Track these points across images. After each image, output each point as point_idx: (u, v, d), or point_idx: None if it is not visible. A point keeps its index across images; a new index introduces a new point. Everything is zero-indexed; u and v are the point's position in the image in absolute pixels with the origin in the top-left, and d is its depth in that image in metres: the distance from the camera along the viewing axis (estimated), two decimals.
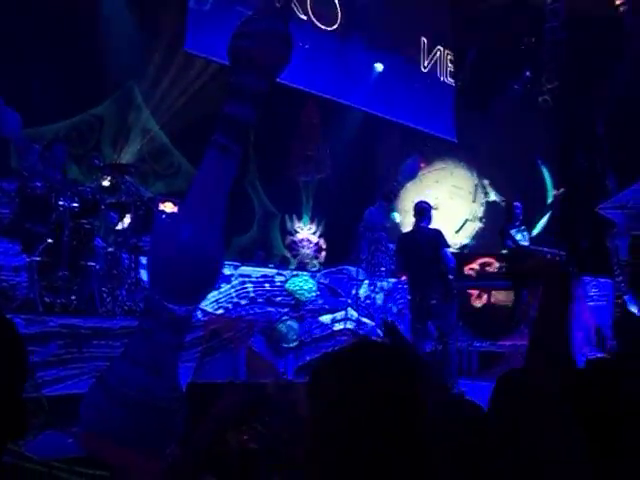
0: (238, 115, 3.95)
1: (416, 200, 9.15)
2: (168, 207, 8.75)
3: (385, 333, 3.49)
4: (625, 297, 11.46)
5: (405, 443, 1.30)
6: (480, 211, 13.91)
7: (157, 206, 8.49)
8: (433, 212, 12.88)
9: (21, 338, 1.38)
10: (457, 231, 13.49)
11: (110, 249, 7.62)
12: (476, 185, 14.29)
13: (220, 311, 8.52)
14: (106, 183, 8.18)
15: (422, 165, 13.58)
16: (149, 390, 3.95)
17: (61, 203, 6.75)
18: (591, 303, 10.92)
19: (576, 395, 1.99)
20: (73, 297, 6.79)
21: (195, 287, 3.89)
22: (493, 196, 13.57)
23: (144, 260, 6.81)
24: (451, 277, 8.00)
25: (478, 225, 13.68)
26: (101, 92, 10.71)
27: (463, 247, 12.43)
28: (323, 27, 11.87)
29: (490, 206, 13.75)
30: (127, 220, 7.77)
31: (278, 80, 9.73)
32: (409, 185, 13.57)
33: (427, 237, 8.06)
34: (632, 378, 2.11)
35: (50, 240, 6.60)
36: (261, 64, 3.95)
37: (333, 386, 1.37)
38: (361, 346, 1.52)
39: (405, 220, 11.05)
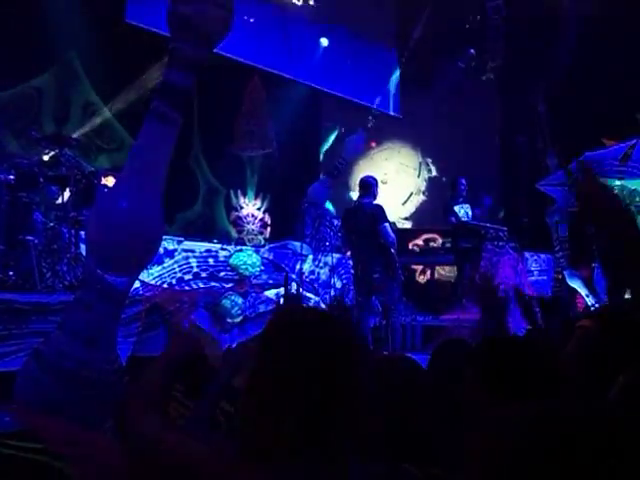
0: (177, 82, 3.87)
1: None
2: (110, 181, 8.57)
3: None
4: (565, 272, 11.70)
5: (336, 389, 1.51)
6: (423, 185, 14.83)
7: (99, 180, 8.31)
8: (383, 186, 13.30)
9: None
10: (404, 203, 14.40)
11: (51, 224, 7.46)
12: (420, 162, 14.97)
13: (165, 286, 8.44)
14: (46, 157, 8.01)
15: (373, 144, 14.31)
16: (87, 363, 3.90)
17: None
18: (532, 278, 11.13)
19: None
20: (11, 272, 6.65)
21: (133, 257, 3.83)
22: (435, 172, 14.73)
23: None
24: (393, 252, 8.03)
25: (422, 198, 14.62)
26: (40, 64, 10.42)
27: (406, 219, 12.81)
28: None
29: (432, 181, 14.76)
30: (67, 194, 7.62)
31: (223, 54, 9.70)
32: (361, 162, 14.03)
33: (367, 212, 8.07)
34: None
35: None
36: (200, 30, 3.88)
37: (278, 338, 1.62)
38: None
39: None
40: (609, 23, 12.21)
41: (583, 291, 11.42)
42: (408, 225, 14.29)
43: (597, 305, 10.54)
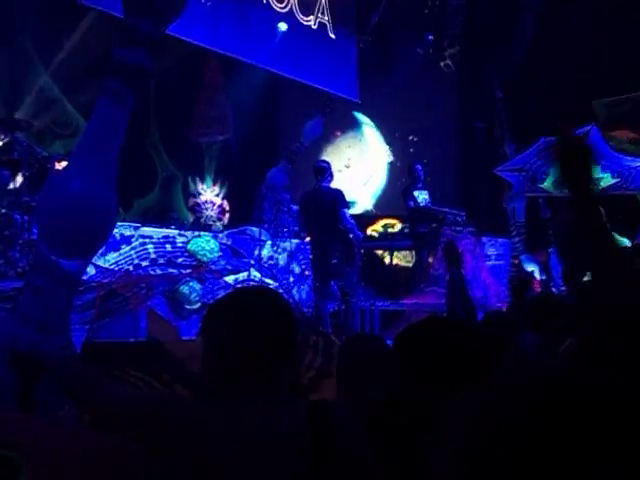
0: (130, 60, 3.79)
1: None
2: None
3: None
4: (521, 257, 11.85)
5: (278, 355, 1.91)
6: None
7: (53, 165, 8.14)
8: (347, 170, 13.57)
9: None
10: (364, 184, 14.89)
11: (2, 210, 7.30)
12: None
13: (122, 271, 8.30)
14: None
15: (338, 133, 14.84)
16: (39, 348, 3.82)
17: None
18: (489, 263, 11.22)
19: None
20: None
21: (86, 239, 3.75)
22: (392, 158, 15.21)
23: None
24: (352, 236, 8.04)
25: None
26: None
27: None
28: None
29: (389, 166, 15.25)
30: (20, 179, 7.47)
31: (180, 39, 9.55)
32: (329, 149, 14.41)
33: (325, 197, 8.06)
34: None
35: None
36: (154, 6, 3.79)
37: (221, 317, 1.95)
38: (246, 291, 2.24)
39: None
40: (566, 11, 12.34)
41: (539, 276, 11.59)
42: (369, 204, 14.63)
43: (554, 289, 10.69)
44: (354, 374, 2.64)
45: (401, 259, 11.72)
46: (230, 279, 8.85)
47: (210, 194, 12.93)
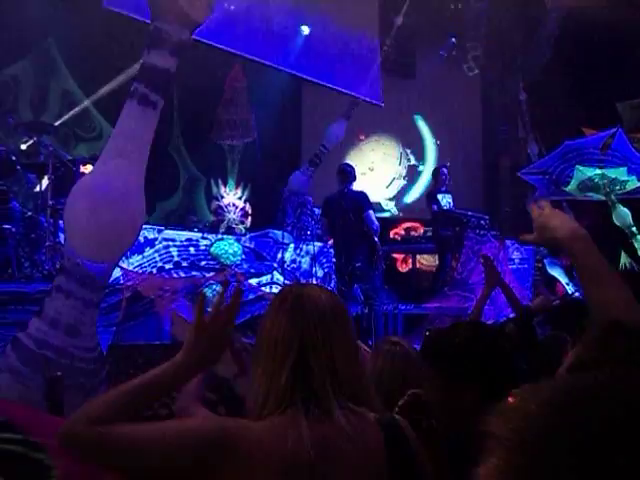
0: (158, 64, 3.80)
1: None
2: (89, 169, 8.45)
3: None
4: (545, 260, 11.75)
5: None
6: (404, 172, 15.52)
7: (78, 168, 8.19)
8: (370, 172, 13.64)
9: None
10: (387, 186, 15.14)
11: (29, 213, 7.36)
12: (401, 152, 15.37)
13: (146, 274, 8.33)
14: (24, 146, 7.90)
15: (362, 137, 14.88)
16: (67, 351, 3.84)
17: None
18: (513, 266, 11.14)
19: None
20: None
21: (112, 243, 3.77)
22: (413, 161, 15.48)
23: None
24: (376, 240, 8.02)
25: (402, 182, 15.43)
26: (17, 51, 10.24)
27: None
28: None
29: (410, 168, 15.51)
30: (45, 182, 7.52)
31: (204, 42, 9.57)
32: (352, 153, 14.40)
33: (351, 200, 8.04)
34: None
35: None
36: (182, 10, 3.80)
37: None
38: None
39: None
40: (590, 12, 12.23)
41: (563, 279, 11.49)
42: (392, 205, 14.72)
43: (577, 293, 10.60)
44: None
45: (424, 263, 11.69)
46: (253, 282, 8.85)
47: (233, 197, 12.94)
